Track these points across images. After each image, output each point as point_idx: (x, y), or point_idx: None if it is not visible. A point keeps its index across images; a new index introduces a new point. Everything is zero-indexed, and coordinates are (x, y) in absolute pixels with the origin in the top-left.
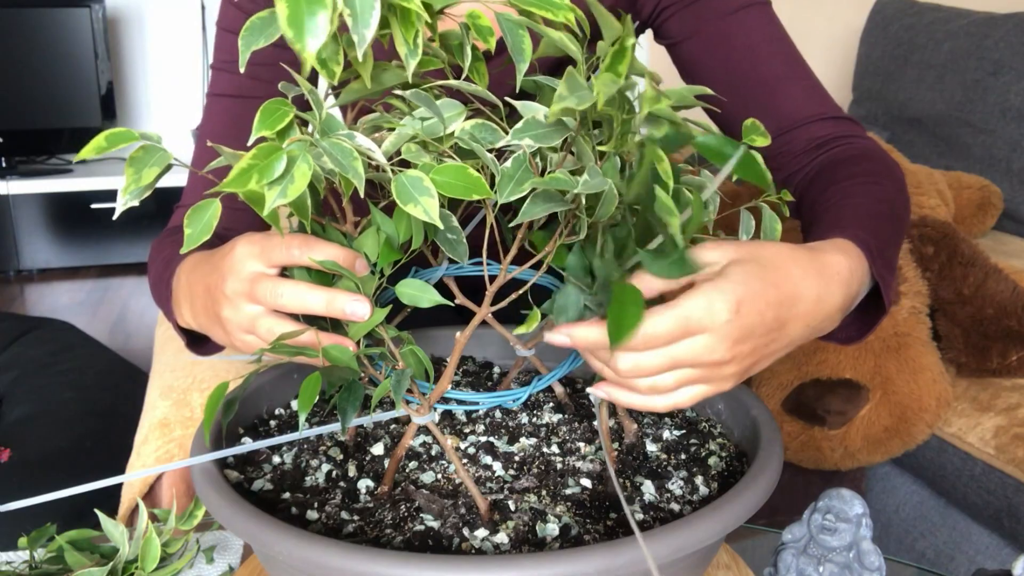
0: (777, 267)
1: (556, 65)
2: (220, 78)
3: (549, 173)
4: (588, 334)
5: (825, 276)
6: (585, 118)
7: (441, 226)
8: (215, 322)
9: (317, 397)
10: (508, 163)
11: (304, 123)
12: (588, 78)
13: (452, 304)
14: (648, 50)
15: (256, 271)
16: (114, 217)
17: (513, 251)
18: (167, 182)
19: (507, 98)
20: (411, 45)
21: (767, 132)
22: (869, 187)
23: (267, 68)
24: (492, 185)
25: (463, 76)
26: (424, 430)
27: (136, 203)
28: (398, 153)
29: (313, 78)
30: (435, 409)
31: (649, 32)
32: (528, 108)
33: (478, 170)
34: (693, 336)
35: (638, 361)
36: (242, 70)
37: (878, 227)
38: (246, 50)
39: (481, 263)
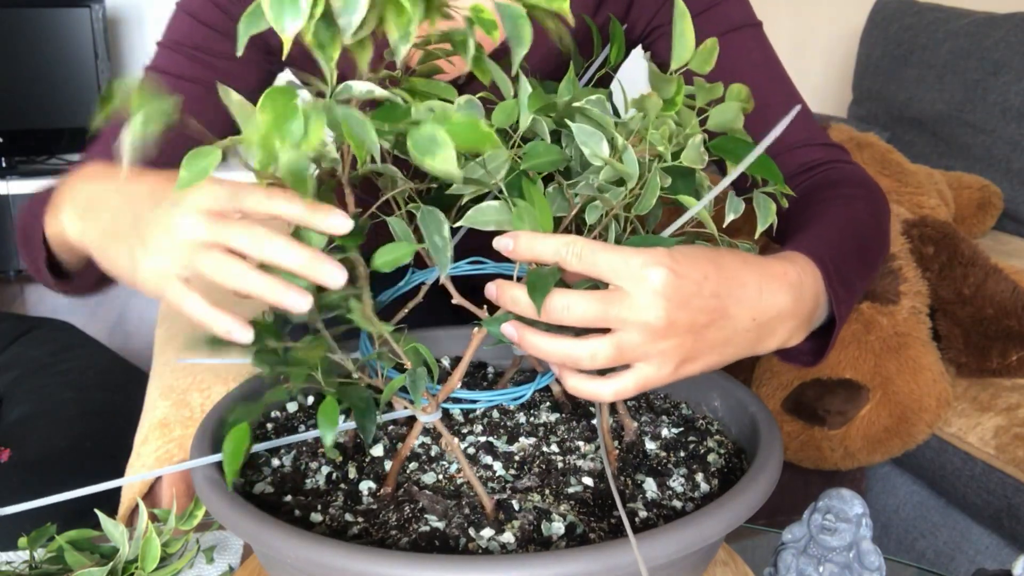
0: (718, 252)
1: (555, 68)
2: (164, 55)
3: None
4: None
5: (767, 274)
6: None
7: (460, 178)
8: (124, 243)
9: (338, 421)
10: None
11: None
12: (588, 83)
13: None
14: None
15: (213, 208)
16: (124, 163)
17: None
18: None
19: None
20: (402, 31)
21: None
22: (840, 208)
23: (204, 53)
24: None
25: (466, 71)
26: (423, 430)
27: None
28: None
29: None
30: (438, 408)
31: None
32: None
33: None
34: (624, 291)
35: (569, 302)
36: (239, 54)
37: (839, 245)
38: (245, 34)
39: (478, 263)
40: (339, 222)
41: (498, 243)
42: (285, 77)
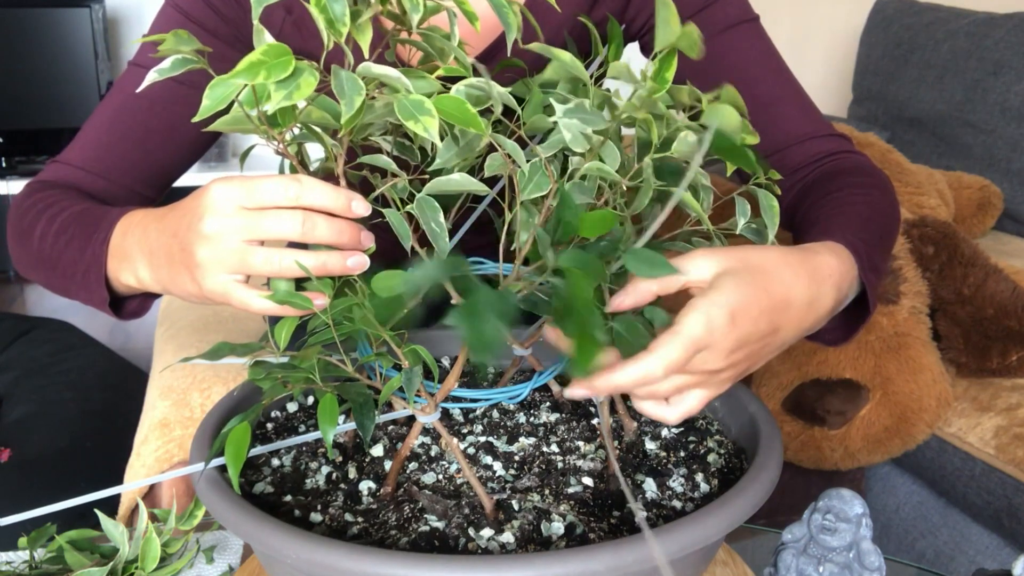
0: (768, 272)
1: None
2: (149, 50)
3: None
4: (615, 379)
5: (817, 279)
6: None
7: (440, 144)
8: (183, 270)
9: (338, 420)
10: (526, 166)
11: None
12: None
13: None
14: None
15: (240, 206)
16: (140, 89)
17: (525, 250)
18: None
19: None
20: (414, 0)
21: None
22: (860, 197)
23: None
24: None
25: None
26: (423, 430)
27: (158, 78)
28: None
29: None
30: (437, 408)
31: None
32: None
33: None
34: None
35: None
36: (256, 20)
37: (867, 234)
38: (258, 6)
39: (478, 263)
40: (360, 206)
41: (571, 395)
42: None
